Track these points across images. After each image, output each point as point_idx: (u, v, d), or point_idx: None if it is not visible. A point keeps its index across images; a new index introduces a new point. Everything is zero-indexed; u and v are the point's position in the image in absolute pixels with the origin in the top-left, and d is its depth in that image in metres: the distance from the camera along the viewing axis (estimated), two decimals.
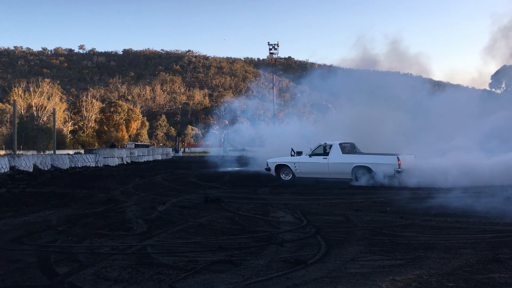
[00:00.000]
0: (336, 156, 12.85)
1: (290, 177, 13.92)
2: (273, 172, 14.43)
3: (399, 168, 11.58)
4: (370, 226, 6.09)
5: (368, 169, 12.11)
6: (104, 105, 74.28)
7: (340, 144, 13.12)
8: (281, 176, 14.16)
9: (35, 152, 36.25)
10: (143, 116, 79.53)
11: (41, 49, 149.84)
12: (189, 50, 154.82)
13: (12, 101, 38.81)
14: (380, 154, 12.61)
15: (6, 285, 3.60)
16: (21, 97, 60.26)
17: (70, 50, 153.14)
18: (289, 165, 13.94)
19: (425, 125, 17.23)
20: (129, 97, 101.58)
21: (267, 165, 14.70)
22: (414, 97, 20.09)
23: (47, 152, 37.27)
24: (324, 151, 13.23)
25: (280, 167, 14.24)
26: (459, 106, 17.04)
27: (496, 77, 56.43)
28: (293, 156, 14.04)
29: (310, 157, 13.44)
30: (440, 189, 10.23)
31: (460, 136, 13.97)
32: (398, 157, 11.70)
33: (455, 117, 16.36)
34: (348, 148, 13.33)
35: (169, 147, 52.82)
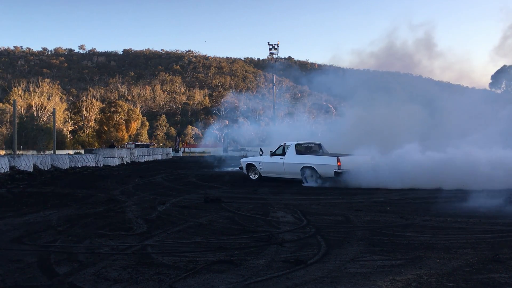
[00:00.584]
0: (290, 157, 13.02)
1: (257, 176, 14.21)
2: (245, 171, 14.75)
3: (338, 169, 11.53)
4: (370, 226, 6.09)
5: (313, 170, 12.16)
6: (104, 105, 74.30)
7: (297, 144, 13.28)
8: (250, 175, 14.49)
9: (35, 152, 36.28)
10: (143, 116, 79.53)
11: (41, 49, 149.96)
12: (189, 50, 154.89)
13: (12, 101, 38.81)
14: (325, 155, 12.62)
15: (6, 285, 3.59)
16: (21, 97, 60.30)
17: (70, 50, 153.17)
18: (255, 165, 14.26)
19: (440, 122, 17.12)
20: (129, 97, 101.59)
21: (241, 164, 15.05)
22: (426, 97, 20.07)
23: (47, 152, 37.27)
24: (283, 151, 13.46)
25: (249, 167, 14.55)
26: (471, 107, 16.93)
27: (496, 77, 56.48)
28: (261, 156, 14.42)
29: (271, 157, 13.70)
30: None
31: (475, 133, 13.78)
32: (338, 158, 11.69)
33: (467, 117, 16.20)
34: (307, 149, 13.40)
35: (169, 147, 52.86)
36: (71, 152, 33.95)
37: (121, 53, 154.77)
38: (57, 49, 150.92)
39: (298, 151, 13.03)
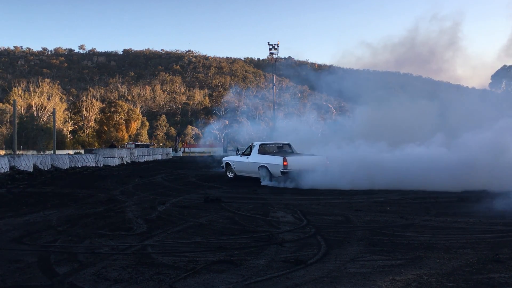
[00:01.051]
0: (253, 156, 13.40)
1: (233, 175, 14.65)
2: (225, 170, 15.28)
3: (284, 169, 11.76)
4: (370, 226, 6.09)
5: (267, 169, 12.43)
6: (104, 105, 74.33)
7: (261, 144, 13.65)
8: (227, 173, 14.99)
9: (35, 152, 36.27)
10: (143, 116, 79.56)
11: (41, 49, 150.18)
12: (189, 50, 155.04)
13: (12, 101, 38.81)
14: (277, 155, 12.73)
15: (6, 285, 3.59)
16: (21, 97, 60.30)
17: (70, 50, 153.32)
18: (230, 164, 14.74)
19: (448, 121, 17.09)
20: (129, 97, 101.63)
21: (223, 163, 15.55)
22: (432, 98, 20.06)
23: (47, 152, 37.28)
24: (250, 150, 13.82)
25: (227, 166, 15.06)
26: (474, 106, 16.91)
27: (496, 77, 56.48)
28: (237, 155, 14.91)
29: (240, 156, 14.18)
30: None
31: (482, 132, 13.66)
32: (284, 158, 11.90)
33: (472, 116, 16.13)
34: (271, 149, 13.64)
35: (169, 147, 52.86)
36: (71, 152, 33.96)
37: (121, 53, 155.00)
38: (57, 49, 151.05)
39: (260, 151, 13.33)
